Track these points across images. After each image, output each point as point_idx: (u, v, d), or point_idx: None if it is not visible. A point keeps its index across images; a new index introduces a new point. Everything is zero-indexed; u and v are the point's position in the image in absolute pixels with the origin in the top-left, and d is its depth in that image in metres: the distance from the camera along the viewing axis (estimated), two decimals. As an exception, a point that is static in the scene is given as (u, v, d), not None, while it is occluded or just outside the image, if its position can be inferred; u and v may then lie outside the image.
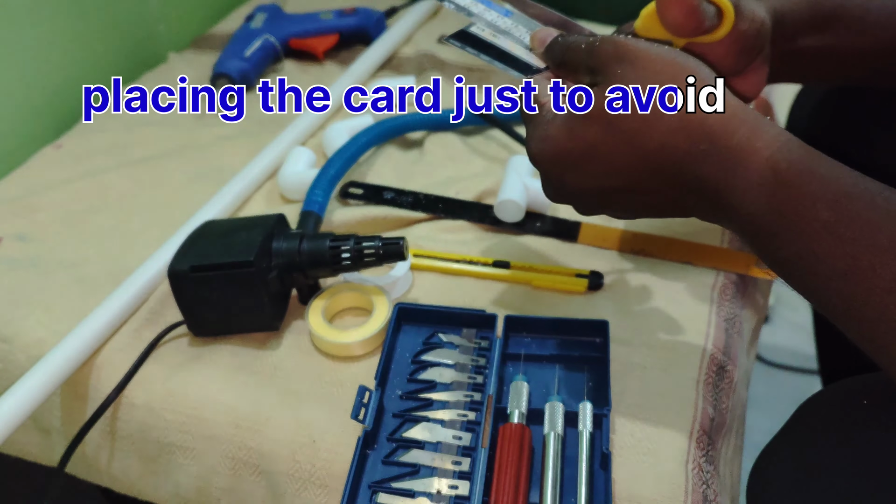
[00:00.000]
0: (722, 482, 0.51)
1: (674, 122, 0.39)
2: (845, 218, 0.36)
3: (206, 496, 0.56)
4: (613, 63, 0.41)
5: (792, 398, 0.46)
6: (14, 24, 0.79)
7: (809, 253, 0.37)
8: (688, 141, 0.39)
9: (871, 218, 0.36)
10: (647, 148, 0.40)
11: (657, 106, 0.39)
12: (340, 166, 0.69)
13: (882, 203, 0.36)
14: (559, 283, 0.61)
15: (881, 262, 0.35)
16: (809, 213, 0.37)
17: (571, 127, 0.42)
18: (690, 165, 0.39)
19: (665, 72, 0.40)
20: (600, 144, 0.41)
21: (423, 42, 0.96)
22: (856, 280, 0.36)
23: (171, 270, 0.55)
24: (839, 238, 0.36)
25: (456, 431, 0.52)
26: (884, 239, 0.35)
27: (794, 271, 0.39)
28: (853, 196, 0.37)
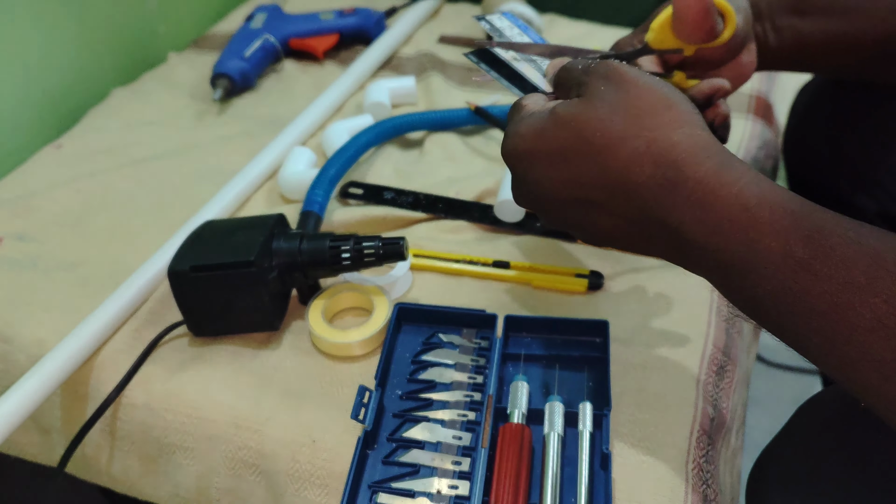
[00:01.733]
0: (722, 482, 0.51)
1: (641, 146, 0.39)
2: (820, 254, 0.35)
3: (206, 496, 0.56)
4: (599, 81, 0.41)
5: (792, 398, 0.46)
6: (14, 25, 0.79)
7: (786, 291, 0.36)
8: (653, 165, 0.38)
9: (846, 254, 0.35)
10: (609, 166, 0.39)
11: (628, 127, 0.39)
12: (340, 166, 0.69)
13: (855, 238, 0.35)
14: (559, 283, 0.61)
15: (860, 301, 0.34)
16: (783, 250, 0.36)
17: (543, 127, 0.42)
18: (654, 192, 0.38)
19: (644, 97, 0.40)
20: (567, 151, 0.41)
21: (423, 42, 0.96)
22: (836, 318, 0.35)
23: (171, 270, 0.55)
24: (816, 275, 0.35)
25: (456, 431, 0.52)
26: (860, 276, 0.34)
27: (769, 310, 0.37)
28: (826, 231, 0.35)
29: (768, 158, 0.78)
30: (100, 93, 0.89)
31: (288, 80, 0.91)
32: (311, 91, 0.87)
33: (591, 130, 0.40)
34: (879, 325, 0.33)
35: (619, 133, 0.39)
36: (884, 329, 0.33)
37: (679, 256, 0.40)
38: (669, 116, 0.39)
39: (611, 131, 0.39)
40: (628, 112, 0.39)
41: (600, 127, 0.40)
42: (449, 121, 0.78)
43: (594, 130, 0.40)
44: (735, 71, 0.55)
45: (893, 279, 0.33)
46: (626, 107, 0.40)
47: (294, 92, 0.88)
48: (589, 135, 0.40)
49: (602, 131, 0.39)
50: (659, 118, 0.39)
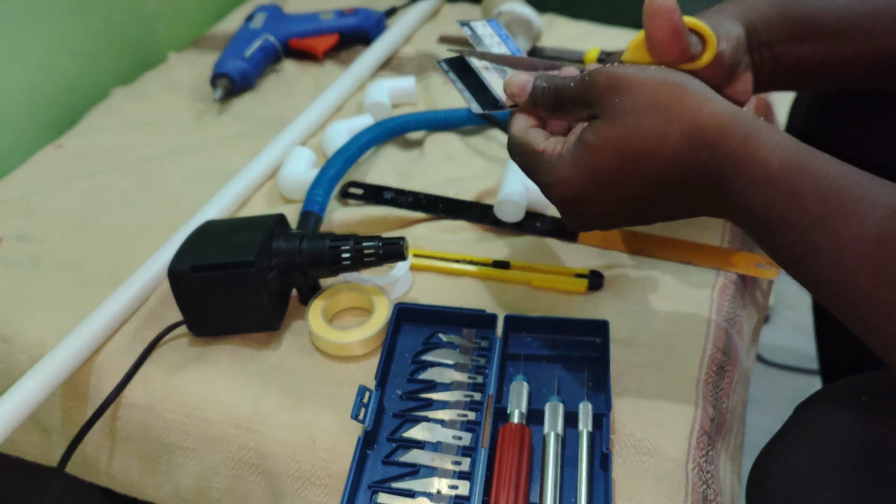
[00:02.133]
0: (722, 482, 0.51)
1: (676, 139, 0.42)
2: (833, 210, 0.39)
3: (206, 496, 0.56)
4: (609, 94, 0.44)
5: (792, 398, 0.46)
6: (14, 25, 0.79)
7: (802, 244, 0.40)
8: (691, 153, 0.42)
9: (858, 209, 0.38)
10: (657, 167, 0.43)
11: (658, 126, 0.42)
12: (340, 166, 0.69)
13: (868, 193, 0.39)
14: (559, 283, 0.61)
15: (867, 251, 0.38)
16: (799, 208, 0.40)
17: (585, 162, 0.44)
18: (696, 175, 0.42)
19: (659, 92, 0.43)
20: (615, 172, 0.44)
21: (423, 42, 0.96)
22: (846, 268, 0.38)
23: (171, 270, 0.55)
24: (828, 230, 0.39)
25: (456, 431, 0.52)
26: (870, 228, 0.38)
27: (790, 261, 0.42)
28: (841, 189, 0.39)
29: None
30: (100, 93, 0.89)
31: (288, 80, 0.91)
32: (311, 91, 0.87)
33: (630, 145, 0.43)
34: (883, 270, 0.37)
35: (654, 135, 0.42)
36: (885, 273, 0.37)
37: (723, 215, 0.45)
38: (688, 102, 0.42)
39: (645, 137, 0.42)
40: (654, 113, 0.42)
41: (635, 138, 0.43)
42: (449, 121, 0.78)
43: (632, 144, 0.43)
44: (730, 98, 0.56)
45: None
46: (649, 109, 0.43)
47: (294, 92, 0.88)
48: (629, 150, 0.43)
49: (639, 142, 0.43)
50: (680, 107, 0.42)
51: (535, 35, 0.92)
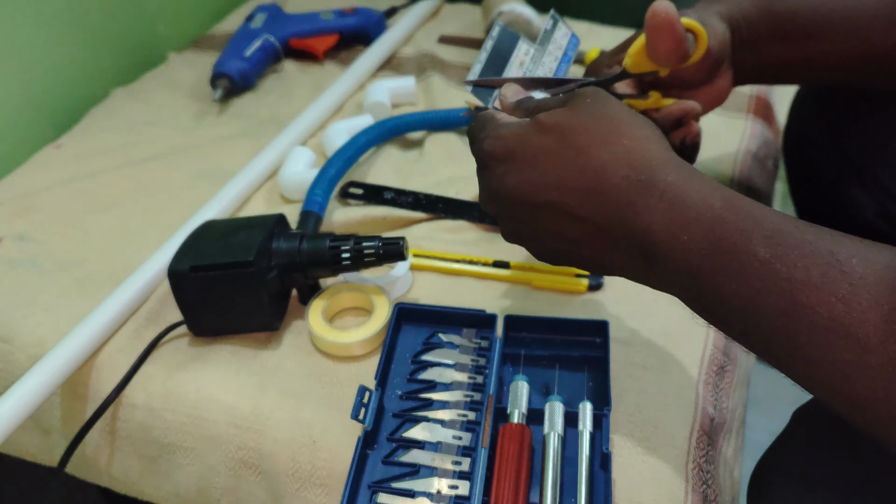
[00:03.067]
0: (722, 482, 0.51)
1: (619, 151, 0.41)
2: (780, 254, 0.36)
3: (206, 496, 0.56)
4: (586, 95, 0.44)
5: (792, 398, 0.46)
6: (14, 25, 0.79)
7: (750, 290, 0.37)
8: (629, 168, 0.40)
9: (804, 253, 0.36)
10: (587, 167, 0.41)
11: (608, 133, 0.41)
12: (340, 166, 0.69)
13: (812, 239, 0.36)
14: (559, 283, 0.61)
15: (818, 301, 0.35)
16: (747, 249, 0.37)
17: (526, 132, 0.43)
18: (627, 193, 0.40)
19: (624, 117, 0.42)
20: (548, 153, 0.42)
21: (423, 42, 0.96)
22: (797, 318, 0.36)
23: (171, 270, 0.55)
24: (776, 275, 0.36)
25: (456, 431, 0.52)
26: (817, 276, 0.35)
27: (734, 312, 0.38)
28: (785, 232, 0.37)
29: (768, 158, 0.78)
30: (100, 93, 0.89)
31: (288, 80, 0.91)
32: (311, 91, 0.87)
33: (573, 134, 0.41)
34: (836, 324, 0.34)
35: (600, 137, 0.41)
36: (841, 328, 0.34)
37: (643, 265, 0.41)
38: (645, 133, 0.42)
39: (591, 135, 0.41)
40: (610, 122, 0.42)
41: (582, 131, 0.41)
42: (449, 121, 0.78)
43: (576, 134, 0.41)
44: (710, 94, 0.58)
45: (847, 280, 0.35)
46: (608, 117, 0.42)
47: (294, 92, 0.88)
48: (570, 138, 0.41)
49: (584, 134, 0.41)
50: (636, 132, 0.42)
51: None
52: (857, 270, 0.35)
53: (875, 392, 0.34)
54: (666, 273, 0.40)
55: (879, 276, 0.34)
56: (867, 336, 0.34)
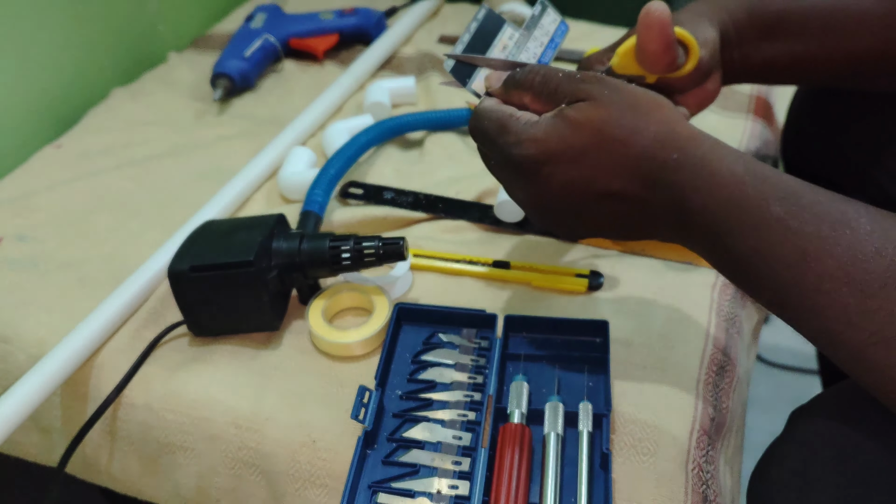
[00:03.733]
0: (722, 482, 0.51)
1: (651, 136, 0.44)
2: (793, 212, 0.40)
3: (206, 496, 0.56)
4: (599, 86, 0.45)
5: (792, 398, 0.47)
6: (14, 25, 0.79)
7: (765, 244, 0.41)
8: (663, 151, 0.43)
9: (816, 211, 0.40)
10: (629, 155, 0.44)
11: (637, 121, 0.44)
12: (340, 166, 0.69)
13: (824, 200, 0.40)
14: (559, 283, 0.61)
15: (825, 251, 0.39)
16: (763, 208, 0.41)
17: (560, 131, 0.45)
18: (664, 174, 0.43)
19: (640, 97, 0.45)
20: (588, 148, 0.44)
21: (423, 42, 0.96)
22: (806, 267, 0.39)
23: (171, 270, 0.55)
24: (789, 229, 0.40)
25: (456, 431, 0.52)
26: (827, 228, 0.39)
27: (749, 266, 0.42)
28: (800, 193, 0.41)
29: (768, 158, 0.78)
30: (100, 93, 0.89)
31: (288, 80, 0.91)
32: (311, 91, 0.87)
33: (608, 128, 0.44)
34: (840, 271, 0.38)
35: (632, 127, 0.44)
36: (846, 276, 0.38)
37: (678, 227, 0.45)
38: (667, 112, 0.45)
39: (624, 126, 0.44)
40: (636, 109, 0.44)
41: (616, 124, 0.44)
42: (449, 121, 0.78)
43: (611, 128, 0.44)
44: (698, 97, 0.59)
45: (854, 233, 0.38)
46: (633, 105, 0.44)
47: (294, 92, 0.88)
48: (607, 132, 0.44)
49: (618, 128, 0.44)
50: (659, 114, 0.44)
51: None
52: (865, 227, 0.39)
53: (874, 336, 0.37)
54: (696, 232, 0.44)
55: (885, 231, 0.38)
56: (868, 282, 0.37)
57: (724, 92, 0.84)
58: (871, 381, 0.39)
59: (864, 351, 0.38)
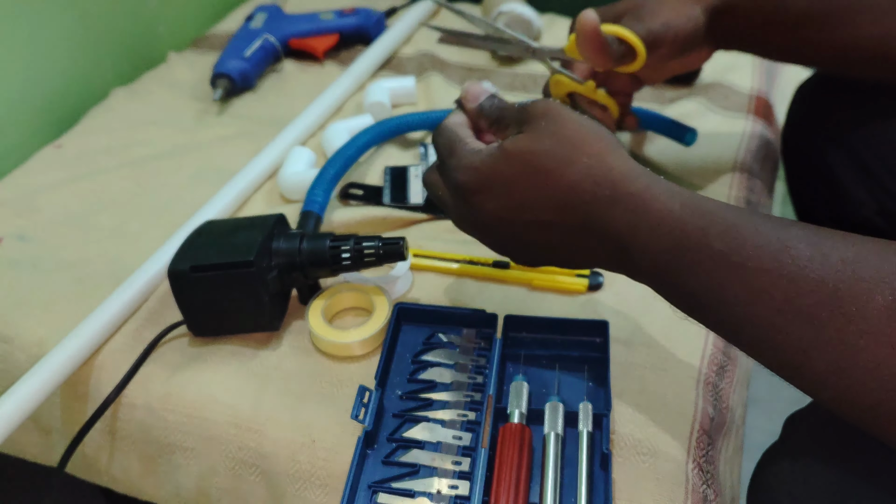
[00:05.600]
0: (722, 482, 0.51)
1: (582, 169, 0.44)
2: (735, 246, 0.39)
3: (206, 496, 0.56)
4: (539, 117, 0.46)
5: (792, 398, 0.46)
6: (14, 25, 0.79)
7: (711, 282, 0.40)
8: (594, 185, 0.43)
9: (756, 243, 0.39)
10: (558, 187, 0.44)
11: (569, 154, 0.44)
12: (340, 166, 0.69)
13: (764, 230, 0.40)
14: (559, 283, 0.61)
15: (771, 284, 0.38)
16: (704, 244, 0.40)
17: (494, 160, 0.46)
18: (596, 209, 0.44)
19: (580, 130, 0.45)
20: (519, 179, 0.45)
21: (423, 42, 0.96)
22: (756, 303, 0.39)
23: (171, 270, 0.55)
24: (732, 265, 0.39)
25: (456, 431, 0.52)
26: (769, 261, 0.38)
27: (700, 305, 0.42)
28: (739, 226, 0.40)
29: (768, 159, 0.78)
30: (100, 93, 0.89)
31: (288, 80, 0.91)
32: (311, 91, 0.87)
33: (538, 159, 0.45)
34: (789, 304, 0.38)
35: (563, 159, 0.44)
36: (795, 309, 0.37)
37: (621, 264, 0.45)
38: (601, 145, 0.45)
39: (555, 158, 0.44)
40: (568, 142, 0.45)
41: (546, 156, 0.45)
42: (449, 121, 0.78)
43: (541, 159, 0.45)
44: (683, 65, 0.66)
45: (795, 262, 0.38)
46: (566, 137, 0.45)
47: (294, 92, 0.88)
48: (537, 163, 0.45)
49: (548, 159, 0.45)
50: (594, 146, 0.44)
51: (535, 35, 0.92)
52: (805, 253, 0.38)
53: (830, 366, 0.37)
54: (639, 270, 0.44)
55: (824, 257, 0.38)
56: (817, 313, 0.37)
57: (723, 92, 0.84)
58: (838, 408, 0.38)
59: (826, 381, 0.37)
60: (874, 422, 0.37)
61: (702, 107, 0.82)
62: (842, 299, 0.36)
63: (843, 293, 0.36)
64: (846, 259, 0.37)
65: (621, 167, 0.44)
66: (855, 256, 0.37)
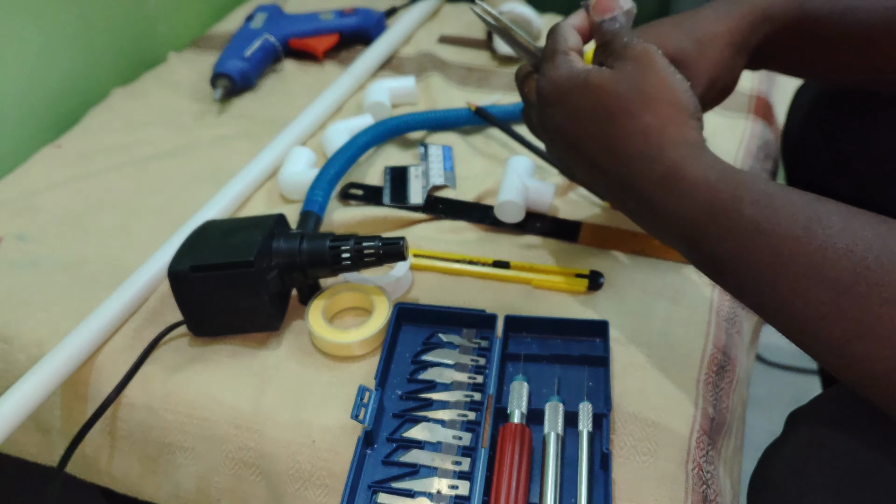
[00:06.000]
0: (722, 482, 0.51)
1: (640, 126, 0.46)
2: (767, 214, 0.41)
3: (206, 496, 0.56)
4: (632, 60, 0.48)
5: (792, 398, 0.47)
6: (14, 25, 0.79)
7: (740, 247, 0.42)
8: (643, 144, 0.46)
9: (788, 213, 0.41)
10: (614, 134, 0.47)
11: (637, 107, 0.47)
12: (340, 166, 0.69)
13: (797, 200, 0.41)
14: (559, 283, 0.61)
15: (798, 251, 0.40)
16: (737, 211, 0.42)
17: (575, 86, 0.49)
18: (637, 166, 0.46)
19: (660, 88, 0.47)
20: (585, 111, 0.49)
21: (423, 42, 0.96)
22: (781, 268, 0.40)
23: (171, 270, 0.55)
24: (762, 232, 0.41)
25: (456, 431, 0.52)
26: (799, 229, 0.40)
27: (728, 268, 0.44)
28: (772, 195, 0.42)
29: (768, 159, 0.78)
30: (100, 93, 0.89)
31: (288, 80, 0.91)
32: (311, 91, 0.87)
33: (609, 100, 0.47)
34: (813, 270, 0.39)
35: (629, 109, 0.47)
36: (819, 275, 0.39)
37: (654, 225, 0.48)
38: (671, 111, 0.46)
39: (623, 106, 0.47)
40: (643, 95, 0.47)
41: (617, 100, 0.47)
42: (449, 121, 0.78)
43: (611, 101, 0.47)
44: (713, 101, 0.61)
45: (825, 232, 0.39)
46: (643, 89, 0.47)
47: (294, 92, 0.88)
48: (606, 104, 0.47)
49: (617, 104, 0.47)
50: (663, 109, 0.46)
51: (535, 35, 0.92)
52: (836, 224, 0.39)
53: (848, 333, 0.38)
54: (670, 232, 0.46)
55: (855, 230, 0.39)
56: (840, 279, 0.38)
57: (724, 92, 0.84)
58: (850, 377, 0.39)
59: (842, 348, 0.39)
60: (885, 391, 0.38)
61: (702, 107, 0.82)
62: (868, 268, 0.38)
63: (871, 262, 0.38)
64: (878, 233, 0.39)
65: (675, 135, 0.45)
66: (888, 231, 0.39)
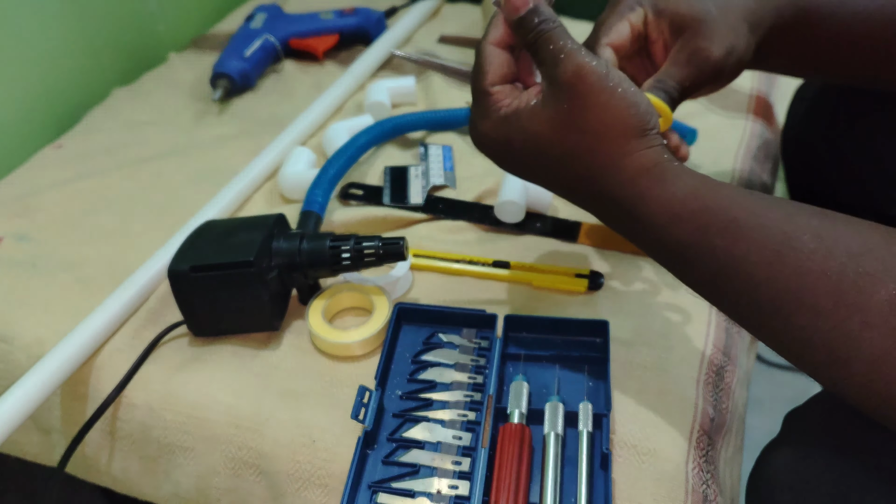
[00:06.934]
0: (722, 482, 0.51)
1: (586, 167, 0.44)
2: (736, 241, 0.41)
3: (206, 496, 0.56)
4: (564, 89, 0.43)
5: (792, 398, 0.47)
6: (14, 25, 0.79)
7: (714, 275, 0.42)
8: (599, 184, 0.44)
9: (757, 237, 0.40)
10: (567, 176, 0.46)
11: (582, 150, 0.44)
12: (340, 166, 0.69)
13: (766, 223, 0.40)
14: (559, 283, 0.61)
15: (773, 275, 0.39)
16: (705, 242, 0.42)
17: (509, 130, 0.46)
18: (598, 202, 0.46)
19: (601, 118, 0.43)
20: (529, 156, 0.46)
21: (423, 42, 0.96)
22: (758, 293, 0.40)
23: (171, 270, 0.55)
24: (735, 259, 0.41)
25: (456, 431, 0.52)
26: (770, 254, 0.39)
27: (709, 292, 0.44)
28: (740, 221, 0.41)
29: (768, 159, 0.78)
30: (100, 93, 0.89)
31: (288, 80, 0.91)
32: (311, 91, 0.87)
33: (548, 147, 0.45)
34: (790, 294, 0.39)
35: (574, 153, 0.44)
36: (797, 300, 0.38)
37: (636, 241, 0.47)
38: (620, 141, 0.43)
39: (567, 150, 0.44)
40: (584, 136, 0.43)
41: (559, 144, 0.44)
42: (449, 121, 0.78)
43: (552, 147, 0.45)
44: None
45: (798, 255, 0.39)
46: (583, 129, 0.43)
47: (294, 92, 0.88)
48: (545, 150, 0.45)
49: (561, 148, 0.44)
50: (610, 145, 0.43)
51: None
52: (808, 245, 0.39)
53: (832, 356, 0.38)
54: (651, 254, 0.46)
55: (829, 250, 0.38)
56: (818, 305, 0.38)
57: (723, 92, 0.83)
58: (843, 394, 0.39)
59: (829, 369, 0.38)
60: (877, 408, 0.38)
61: (702, 107, 0.82)
62: (845, 292, 0.37)
63: (847, 286, 0.37)
64: (851, 252, 0.38)
65: (629, 168, 0.43)
66: (860, 248, 0.38)
